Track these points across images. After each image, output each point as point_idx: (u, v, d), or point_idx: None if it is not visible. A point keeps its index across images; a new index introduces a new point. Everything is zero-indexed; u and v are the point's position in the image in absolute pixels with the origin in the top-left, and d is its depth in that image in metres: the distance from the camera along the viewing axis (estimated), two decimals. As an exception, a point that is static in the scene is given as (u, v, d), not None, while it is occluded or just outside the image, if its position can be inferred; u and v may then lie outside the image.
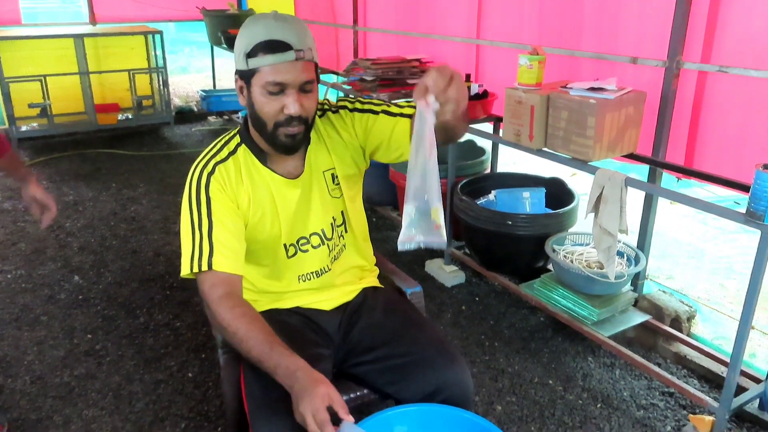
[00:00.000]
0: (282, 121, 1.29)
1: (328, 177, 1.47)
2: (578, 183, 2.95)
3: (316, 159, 1.45)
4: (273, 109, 1.28)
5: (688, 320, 2.42)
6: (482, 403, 2.11)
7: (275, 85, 1.25)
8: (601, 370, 2.30)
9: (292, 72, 1.25)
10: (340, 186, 1.48)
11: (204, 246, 1.30)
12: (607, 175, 2.05)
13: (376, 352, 1.36)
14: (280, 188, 1.40)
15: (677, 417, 2.04)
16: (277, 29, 1.25)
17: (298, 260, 1.46)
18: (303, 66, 1.26)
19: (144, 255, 3.22)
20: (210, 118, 6.21)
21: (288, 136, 1.31)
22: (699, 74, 2.17)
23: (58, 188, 4.18)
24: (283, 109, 1.27)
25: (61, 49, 5.21)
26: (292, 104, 1.26)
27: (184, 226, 1.34)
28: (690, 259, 3.18)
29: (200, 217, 1.32)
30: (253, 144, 1.39)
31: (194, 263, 1.29)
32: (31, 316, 2.64)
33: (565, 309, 2.37)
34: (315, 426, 1.06)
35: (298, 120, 1.29)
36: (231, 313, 1.25)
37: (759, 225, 1.63)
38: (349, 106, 1.48)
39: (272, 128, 1.30)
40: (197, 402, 2.11)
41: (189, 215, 1.33)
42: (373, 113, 1.45)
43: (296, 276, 1.48)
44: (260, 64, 1.25)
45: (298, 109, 1.27)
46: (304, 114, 1.29)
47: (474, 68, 3.27)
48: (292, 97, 1.26)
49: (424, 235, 1.11)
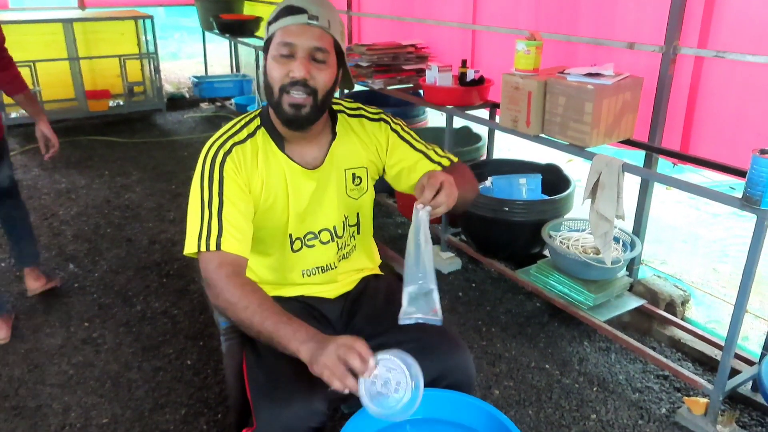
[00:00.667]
0: (287, 86, 1.26)
1: (349, 175, 1.45)
2: (574, 169, 2.95)
3: (340, 155, 1.43)
4: (280, 72, 1.26)
5: (683, 304, 2.45)
6: (480, 388, 2.13)
7: (285, 45, 1.25)
8: (597, 354, 2.32)
9: (302, 34, 1.25)
10: (360, 187, 1.48)
11: (213, 225, 1.28)
12: (604, 161, 2.06)
13: (379, 339, 1.36)
14: (296, 177, 1.39)
15: (672, 399, 2.07)
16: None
17: (303, 255, 1.45)
18: (316, 32, 1.26)
19: (139, 243, 3.21)
20: (202, 104, 6.16)
21: (292, 105, 1.28)
22: (696, 59, 2.17)
23: (50, 176, 4.15)
24: (290, 73, 1.26)
25: (49, 34, 5.15)
26: (298, 67, 1.25)
27: (193, 203, 1.31)
28: (684, 244, 3.21)
29: (211, 195, 1.30)
30: (272, 127, 1.38)
31: (201, 241, 1.27)
32: (27, 305, 2.62)
33: (562, 294, 2.39)
34: (336, 381, 1.05)
35: (304, 87, 1.26)
36: (241, 290, 1.23)
37: (755, 210, 1.64)
38: (391, 125, 1.49)
39: (278, 95, 1.28)
40: (197, 389, 2.12)
41: (200, 192, 1.31)
42: (413, 148, 1.48)
43: (300, 270, 1.47)
44: (276, 27, 1.27)
45: (303, 72, 1.25)
46: (311, 82, 1.27)
47: (470, 54, 3.26)
48: (299, 61, 1.25)
49: (422, 314, 1.20)
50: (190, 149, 4.76)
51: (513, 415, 2.01)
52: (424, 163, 1.48)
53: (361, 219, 1.52)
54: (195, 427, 1.95)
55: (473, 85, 2.78)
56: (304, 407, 1.19)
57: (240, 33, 5.40)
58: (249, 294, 1.22)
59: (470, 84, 2.78)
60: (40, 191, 3.88)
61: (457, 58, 3.01)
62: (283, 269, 1.47)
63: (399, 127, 1.50)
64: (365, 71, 3.28)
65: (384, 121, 1.49)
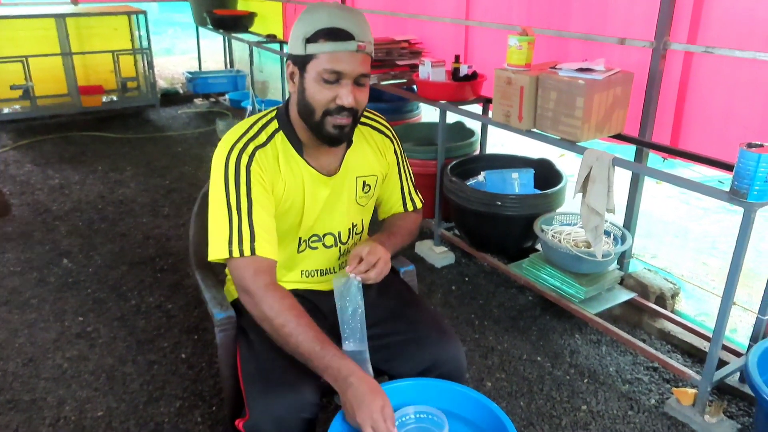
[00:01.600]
0: (332, 110, 1.27)
1: (359, 183, 1.47)
2: (566, 164, 2.98)
3: (354, 163, 1.45)
4: (325, 97, 1.26)
5: (672, 297, 2.48)
6: (472, 380, 2.16)
7: (332, 73, 1.24)
8: (588, 346, 2.35)
9: (351, 62, 1.24)
10: (368, 195, 1.50)
11: (244, 229, 1.26)
12: (595, 155, 2.08)
13: (372, 330, 1.38)
14: (314, 183, 1.39)
15: (661, 390, 2.10)
16: (340, 18, 1.24)
17: (305, 256, 1.47)
18: (362, 58, 1.26)
19: (133, 238, 3.21)
20: (196, 100, 6.15)
21: (336, 127, 1.29)
22: (685, 55, 2.20)
23: (43, 171, 4.14)
24: (336, 98, 1.26)
25: (42, 29, 5.13)
26: (347, 95, 1.25)
27: (217, 206, 1.29)
28: (674, 238, 3.24)
29: (239, 198, 1.28)
30: (293, 133, 1.37)
31: (233, 247, 1.26)
32: (21, 300, 2.63)
33: (553, 288, 2.42)
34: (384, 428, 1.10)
35: (348, 111, 1.28)
36: (280, 304, 1.23)
37: (742, 203, 1.67)
38: (395, 147, 1.55)
39: (321, 116, 1.28)
40: (191, 382, 2.13)
41: (225, 196, 1.29)
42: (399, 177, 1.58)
43: (300, 270, 1.49)
44: (320, 50, 1.23)
45: (351, 101, 1.26)
46: (355, 107, 1.28)
47: (463, 49, 3.28)
48: (347, 88, 1.25)
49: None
50: (183, 145, 4.76)
51: (505, 406, 2.03)
52: (397, 198, 1.59)
53: (365, 225, 1.55)
54: (189, 419, 1.96)
55: (466, 80, 2.80)
56: (296, 398, 1.20)
57: (234, 28, 5.39)
58: (287, 311, 1.23)
59: (463, 79, 2.80)
60: (33, 187, 3.87)
61: (450, 53, 3.03)
62: (284, 268, 1.48)
63: (400, 152, 1.56)
64: (359, 67, 3.29)
65: (390, 139, 1.53)
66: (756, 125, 2.03)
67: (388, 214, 1.61)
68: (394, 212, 1.60)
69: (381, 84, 3.24)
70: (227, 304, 1.45)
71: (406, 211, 1.60)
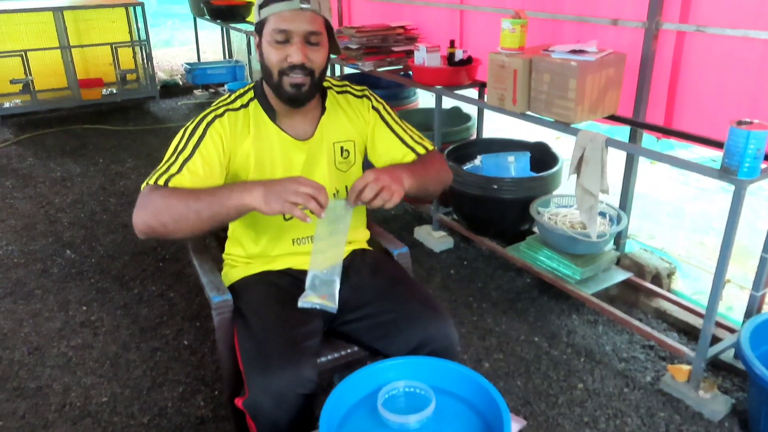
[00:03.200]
0: (285, 69, 1.33)
1: (337, 149, 1.50)
2: (562, 147, 2.99)
3: (329, 128, 1.49)
4: (278, 57, 1.32)
5: (668, 276, 2.50)
6: (470, 361, 2.19)
7: (280, 32, 1.30)
8: (585, 326, 2.38)
9: (297, 20, 1.30)
10: (348, 160, 1.52)
11: (173, 167, 1.33)
12: (588, 137, 2.09)
13: (364, 309, 1.41)
14: (287, 148, 1.44)
15: (657, 368, 2.13)
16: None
17: (294, 223, 1.50)
18: (309, 16, 1.31)
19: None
20: (196, 91, 6.16)
21: (293, 86, 1.34)
22: (677, 35, 2.20)
23: (45, 164, 4.17)
24: (287, 57, 1.32)
25: (40, 23, 5.14)
26: (295, 52, 1.31)
27: (167, 152, 1.37)
28: (671, 218, 3.25)
29: (186, 146, 1.35)
30: (266, 100, 1.44)
31: (153, 177, 1.32)
32: (26, 290, 2.67)
33: (550, 269, 2.44)
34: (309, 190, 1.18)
35: (302, 69, 1.33)
36: (168, 189, 1.28)
37: (733, 180, 1.68)
38: (373, 103, 1.53)
39: (278, 77, 1.34)
40: (193, 367, 2.17)
41: (177, 142, 1.37)
42: (390, 130, 1.52)
43: (291, 239, 1.52)
44: (269, 12, 1.31)
45: (301, 57, 1.31)
46: (308, 64, 1.33)
47: (458, 34, 3.28)
48: (296, 46, 1.31)
49: (319, 300, 1.30)
50: (184, 136, 4.77)
51: (502, 386, 2.06)
52: (397, 147, 1.53)
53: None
54: (192, 403, 2.00)
55: (461, 65, 2.80)
56: (294, 374, 1.23)
57: (231, 18, 5.39)
58: (176, 190, 1.28)
59: (458, 64, 2.80)
60: (35, 180, 3.91)
61: (445, 39, 3.03)
62: (275, 238, 1.51)
63: (381, 106, 1.55)
64: (355, 53, 3.30)
65: (367, 98, 1.55)
66: (747, 103, 2.03)
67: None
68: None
69: (377, 70, 3.25)
70: (224, 288, 1.48)
71: (418, 156, 1.53)
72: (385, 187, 1.26)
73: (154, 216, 1.26)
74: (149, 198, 1.28)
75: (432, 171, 1.49)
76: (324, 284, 1.31)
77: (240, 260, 1.55)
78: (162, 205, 1.26)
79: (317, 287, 1.32)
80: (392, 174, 1.31)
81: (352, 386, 1.19)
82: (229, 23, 5.39)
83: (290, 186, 1.20)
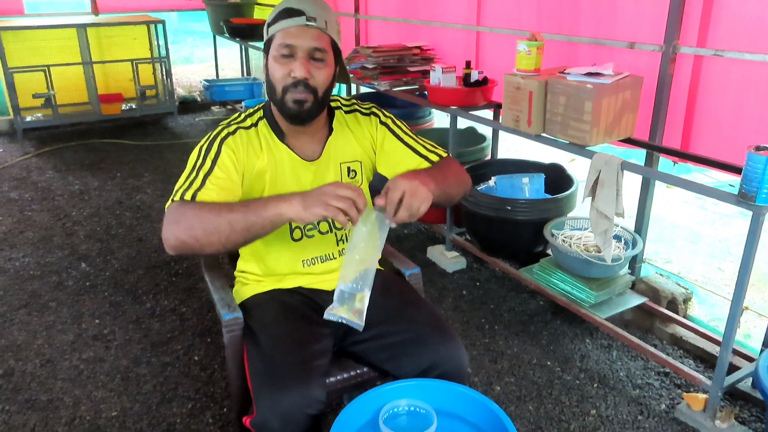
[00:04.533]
0: (289, 85, 1.34)
1: (344, 169, 1.51)
2: (577, 169, 2.97)
3: (336, 149, 1.49)
4: (282, 72, 1.34)
5: (685, 302, 2.46)
6: (481, 384, 2.16)
7: (285, 47, 1.32)
8: (599, 351, 2.34)
9: (301, 36, 1.32)
10: (354, 180, 1.53)
11: (196, 181, 1.33)
12: (603, 159, 2.08)
13: (374, 330, 1.40)
14: (296, 167, 1.45)
15: (672, 396, 2.09)
16: (297, 0, 1.34)
17: (303, 244, 1.50)
18: (314, 33, 1.33)
19: (149, 243, 3.27)
20: (213, 107, 6.24)
21: (295, 102, 1.35)
22: (695, 58, 2.19)
23: (64, 178, 4.23)
24: (291, 72, 1.33)
25: (64, 39, 5.24)
26: (299, 67, 1.32)
27: (185, 170, 1.37)
28: (689, 243, 3.21)
29: (204, 162, 1.36)
30: (274, 121, 1.45)
31: (178, 194, 1.32)
32: (40, 302, 2.69)
33: (564, 292, 2.41)
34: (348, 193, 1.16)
35: (305, 86, 1.34)
36: (199, 203, 1.28)
37: (750, 206, 1.66)
38: (381, 118, 1.53)
39: (281, 93, 1.36)
40: (203, 384, 2.16)
41: (194, 159, 1.37)
42: (401, 142, 1.52)
43: (301, 260, 1.52)
44: (276, 29, 1.34)
45: (304, 72, 1.32)
46: (311, 81, 1.34)
47: (474, 55, 3.29)
48: (300, 61, 1.33)
49: (346, 314, 1.25)
50: (200, 151, 4.83)
51: (513, 410, 2.03)
52: (410, 157, 1.51)
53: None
54: (201, 420, 1.99)
55: (477, 86, 2.81)
56: (302, 394, 1.22)
57: (250, 37, 5.47)
58: (208, 203, 1.28)
59: (474, 85, 2.81)
60: (54, 193, 3.96)
61: (461, 59, 3.04)
62: (285, 258, 1.51)
63: (389, 120, 1.55)
64: (371, 73, 3.33)
65: (374, 114, 1.55)
66: (765, 128, 2.01)
67: None
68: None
69: (393, 90, 3.27)
70: (235, 305, 1.48)
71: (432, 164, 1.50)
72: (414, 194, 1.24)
73: (186, 230, 1.24)
74: (179, 212, 1.27)
75: (451, 175, 1.47)
76: (353, 298, 1.26)
77: (251, 278, 1.55)
78: (194, 218, 1.25)
79: (346, 300, 1.26)
80: (419, 179, 1.27)
81: (360, 407, 1.18)
82: (248, 41, 5.47)
83: (330, 190, 1.19)
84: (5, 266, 3.00)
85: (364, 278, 1.23)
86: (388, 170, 1.55)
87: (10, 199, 3.85)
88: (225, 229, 1.23)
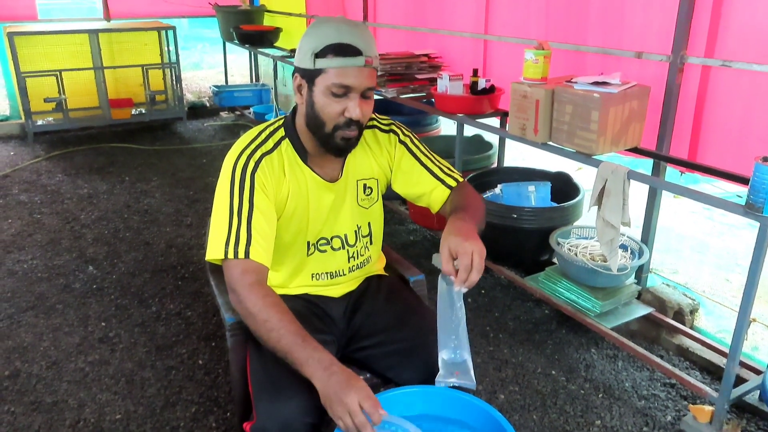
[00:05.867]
0: (341, 124, 1.31)
1: (360, 186, 1.50)
2: (584, 177, 2.97)
3: (355, 166, 1.49)
4: (335, 111, 1.30)
5: (691, 313, 2.44)
6: (485, 392, 2.15)
7: (341, 87, 1.28)
8: (604, 361, 2.33)
9: (359, 77, 1.28)
10: (370, 197, 1.52)
11: (242, 233, 1.30)
12: (610, 168, 2.08)
13: (378, 337, 1.40)
14: (317, 189, 1.43)
15: (678, 407, 2.07)
16: (347, 33, 1.28)
17: (315, 258, 1.50)
18: (369, 72, 1.30)
19: (156, 246, 3.29)
20: (222, 113, 6.28)
21: (344, 139, 1.33)
22: (702, 68, 2.18)
23: (73, 181, 4.27)
24: (344, 111, 1.30)
25: (76, 44, 5.29)
26: (354, 108, 1.29)
27: (220, 209, 1.33)
28: (697, 254, 3.19)
29: (241, 202, 1.32)
30: (298, 141, 1.41)
31: (229, 248, 1.29)
32: (47, 305, 2.71)
33: (569, 301, 2.40)
34: (352, 426, 1.09)
35: (356, 124, 1.32)
36: (263, 301, 1.25)
37: (758, 217, 1.65)
38: (400, 137, 1.52)
39: (331, 130, 1.32)
40: (207, 388, 2.17)
41: (228, 199, 1.32)
42: (418, 163, 1.51)
43: (310, 273, 1.52)
44: (329, 65, 1.27)
45: (359, 113, 1.30)
46: (362, 119, 1.33)
47: (482, 63, 3.30)
48: (355, 101, 1.29)
49: (457, 379, 1.24)
50: (209, 156, 4.86)
51: (517, 419, 2.02)
52: (427, 180, 1.51)
53: (372, 229, 1.56)
54: (204, 424, 2.00)
55: (484, 93, 2.82)
56: (302, 402, 1.22)
57: (260, 44, 5.51)
58: (270, 307, 1.25)
59: (481, 93, 2.82)
60: (63, 196, 4.00)
61: (469, 67, 3.05)
62: (295, 271, 1.51)
63: (408, 140, 1.53)
64: (379, 80, 3.34)
65: (394, 132, 1.53)
66: (774, 139, 2.01)
67: (439, 204, 1.53)
68: (440, 198, 1.52)
69: (400, 97, 3.28)
70: (239, 310, 1.48)
71: (450, 189, 1.52)
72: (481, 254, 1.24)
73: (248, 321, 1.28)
74: (243, 307, 1.27)
75: (479, 210, 1.45)
76: (458, 365, 1.27)
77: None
78: (251, 322, 1.26)
79: (452, 368, 1.27)
80: (472, 235, 1.26)
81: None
82: (258, 48, 5.50)
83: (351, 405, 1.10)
84: (14, 268, 3.03)
85: (461, 344, 1.28)
86: (403, 189, 1.54)
87: (20, 202, 3.88)
88: (267, 344, 1.25)
